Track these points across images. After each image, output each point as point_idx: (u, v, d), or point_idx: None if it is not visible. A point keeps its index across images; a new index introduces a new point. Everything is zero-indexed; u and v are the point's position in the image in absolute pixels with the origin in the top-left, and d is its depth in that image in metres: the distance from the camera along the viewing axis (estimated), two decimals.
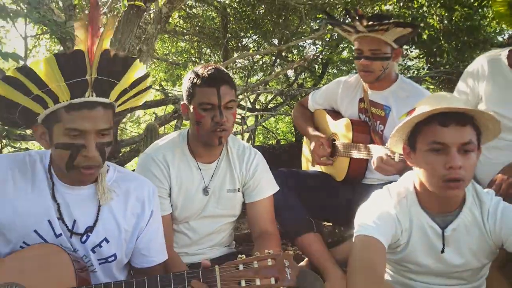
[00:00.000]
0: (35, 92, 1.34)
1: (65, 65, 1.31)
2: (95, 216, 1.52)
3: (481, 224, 1.60)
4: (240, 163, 2.01)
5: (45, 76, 1.31)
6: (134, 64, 1.43)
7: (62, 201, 1.50)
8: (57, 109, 1.37)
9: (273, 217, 2.02)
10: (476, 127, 1.53)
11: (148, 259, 1.63)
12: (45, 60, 1.29)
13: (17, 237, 1.46)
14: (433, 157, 1.49)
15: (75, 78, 1.33)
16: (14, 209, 1.45)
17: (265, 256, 1.35)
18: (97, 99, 1.39)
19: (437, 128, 1.49)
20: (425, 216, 1.61)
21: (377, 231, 1.53)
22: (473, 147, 1.49)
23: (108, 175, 1.57)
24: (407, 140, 1.63)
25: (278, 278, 1.32)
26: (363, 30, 2.34)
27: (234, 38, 7.81)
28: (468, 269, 1.64)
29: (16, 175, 1.48)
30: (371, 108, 2.52)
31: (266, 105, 8.79)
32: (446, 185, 1.47)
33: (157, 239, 1.66)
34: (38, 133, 1.44)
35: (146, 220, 1.60)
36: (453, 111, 1.48)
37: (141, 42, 4.04)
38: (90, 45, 1.32)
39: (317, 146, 2.59)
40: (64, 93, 1.35)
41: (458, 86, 2.41)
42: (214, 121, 1.80)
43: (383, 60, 2.37)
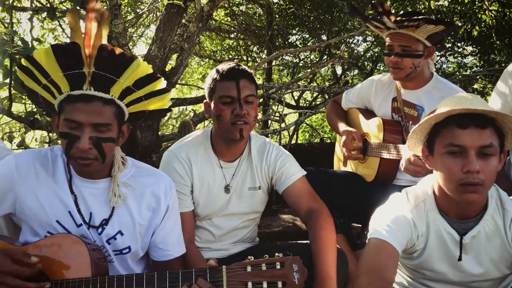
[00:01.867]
0: (43, 81, 1.42)
1: (61, 57, 1.36)
2: (111, 209, 1.58)
3: (503, 232, 1.53)
4: (261, 160, 2.02)
5: (47, 66, 1.38)
6: (135, 63, 1.44)
7: (79, 193, 1.57)
8: (62, 100, 1.45)
9: (314, 195, 1.97)
10: (499, 130, 1.46)
11: (165, 253, 1.67)
12: (44, 51, 1.36)
13: (42, 228, 1.54)
14: (450, 160, 1.44)
15: (72, 70, 1.39)
16: (37, 201, 1.54)
17: (273, 259, 1.34)
18: (95, 93, 1.42)
19: (455, 130, 1.43)
20: (443, 222, 1.56)
21: (390, 235, 1.50)
22: (494, 150, 1.42)
23: (126, 170, 1.62)
24: (426, 142, 1.58)
25: (285, 282, 1.31)
26: (393, 26, 2.30)
27: (281, 36, 7.81)
28: (488, 279, 1.57)
29: (38, 169, 1.56)
30: (404, 108, 2.46)
31: (311, 102, 8.73)
32: (464, 189, 1.41)
33: (173, 233, 1.70)
34: (55, 124, 1.52)
35: (162, 215, 1.64)
36: (472, 112, 1.42)
37: (182, 40, 4.13)
38: (86, 39, 1.37)
39: (348, 140, 2.56)
40: (64, 85, 1.41)
41: (497, 86, 2.30)
42: (234, 114, 1.82)
43: (414, 57, 2.31)
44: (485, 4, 5.16)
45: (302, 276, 1.32)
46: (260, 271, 1.32)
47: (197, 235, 2.03)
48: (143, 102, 1.55)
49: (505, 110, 2.27)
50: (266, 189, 2.07)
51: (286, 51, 5.67)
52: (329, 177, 2.55)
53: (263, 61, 4.59)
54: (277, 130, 4.37)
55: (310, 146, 4.67)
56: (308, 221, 1.91)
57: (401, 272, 1.74)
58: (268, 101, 5.32)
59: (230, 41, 8.53)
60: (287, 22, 7.40)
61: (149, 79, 1.50)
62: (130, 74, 1.46)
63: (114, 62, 1.42)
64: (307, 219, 1.91)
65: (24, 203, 1.54)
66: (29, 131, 4.15)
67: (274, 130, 4.45)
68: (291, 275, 1.31)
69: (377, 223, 1.55)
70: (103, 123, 1.44)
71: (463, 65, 8.08)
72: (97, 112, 1.43)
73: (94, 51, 1.38)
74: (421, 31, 2.25)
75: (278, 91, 4.17)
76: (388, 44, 2.38)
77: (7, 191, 1.54)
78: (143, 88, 1.51)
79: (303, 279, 1.33)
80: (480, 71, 5.77)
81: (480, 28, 5.27)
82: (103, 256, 1.56)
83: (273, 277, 1.30)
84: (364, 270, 1.44)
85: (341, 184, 2.51)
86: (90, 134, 1.42)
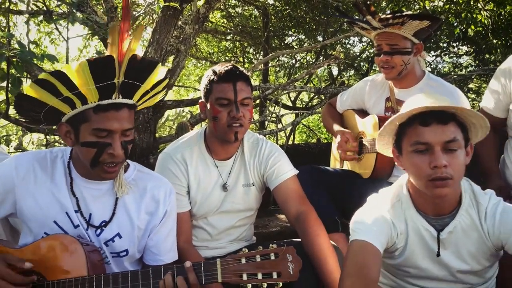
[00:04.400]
0: (65, 94, 1.41)
1: (96, 70, 1.38)
2: (111, 211, 1.60)
3: (479, 225, 1.56)
4: (254, 156, 2.04)
5: (77, 80, 1.39)
6: (157, 67, 1.50)
7: (80, 195, 1.59)
8: (85, 110, 1.45)
9: (303, 196, 1.98)
10: (461, 124, 1.50)
11: (157, 258, 1.68)
12: (78, 65, 1.37)
13: (39, 228, 1.56)
14: (417, 158, 1.49)
15: (104, 82, 1.41)
16: (35, 201, 1.56)
17: (268, 251, 1.36)
18: (123, 100, 1.47)
19: (419, 128, 1.48)
20: (420, 219, 1.59)
21: (371, 236, 1.52)
22: (458, 145, 1.47)
23: (127, 173, 1.65)
24: (394, 144, 1.62)
25: (280, 272, 1.33)
26: (379, 26, 2.33)
27: (277, 37, 7.83)
28: (470, 271, 1.59)
29: (37, 170, 1.58)
30: (398, 107, 2.48)
31: (308, 103, 8.75)
32: (433, 184, 1.46)
33: (168, 240, 1.71)
34: (63, 132, 1.52)
35: (159, 219, 1.66)
36: (432, 109, 1.47)
37: (179, 42, 4.14)
38: (120, 51, 1.39)
39: (343, 141, 2.58)
40: (93, 95, 1.42)
41: (490, 84, 2.33)
42: (230, 116, 1.84)
43: (403, 54, 2.34)
44: (480, 3, 5.19)
45: (296, 266, 1.35)
46: (254, 263, 1.34)
47: (194, 235, 2.04)
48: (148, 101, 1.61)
49: (498, 107, 2.30)
50: (260, 186, 2.09)
51: (282, 52, 5.68)
52: (327, 174, 2.57)
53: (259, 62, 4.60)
54: (274, 131, 4.39)
55: (307, 147, 4.69)
56: (296, 224, 1.93)
57: (386, 273, 1.76)
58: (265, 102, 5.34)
59: (227, 43, 8.55)
60: (283, 24, 7.43)
61: (161, 81, 1.56)
62: (151, 79, 1.51)
63: (142, 70, 1.47)
64: (295, 222, 1.93)
65: (23, 204, 1.56)
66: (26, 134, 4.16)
67: (271, 131, 4.47)
68: (285, 266, 1.33)
69: (357, 225, 1.58)
70: (130, 127, 1.49)
71: (458, 65, 8.11)
72: (126, 118, 1.48)
73: (126, 62, 1.41)
74: (406, 28, 2.29)
75: (274, 92, 4.19)
76: (377, 44, 2.42)
77: (7, 192, 1.57)
78: (154, 89, 1.57)
79: (297, 269, 1.35)
80: (475, 71, 5.80)
81: (475, 27, 5.30)
82: (101, 258, 1.57)
83: (268, 268, 1.33)
84: (347, 272, 1.46)
85: (338, 181, 2.52)
86: (120, 139, 1.46)
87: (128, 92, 1.48)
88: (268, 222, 3.27)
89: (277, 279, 1.33)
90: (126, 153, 1.51)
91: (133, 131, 1.53)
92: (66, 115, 1.48)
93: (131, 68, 1.43)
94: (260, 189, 2.10)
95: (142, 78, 1.49)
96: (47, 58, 2.26)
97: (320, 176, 2.49)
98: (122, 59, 1.40)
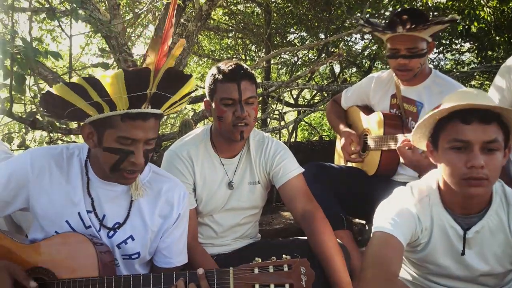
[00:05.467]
0: (95, 99, 1.39)
1: (131, 80, 1.36)
2: (126, 214, 1.59)
3: (507, 228, 1.53)
4: (259, 154, 2.03)
5: (110, 88, 1.37)
6: (190, 81, 1.48)
7: (96, 195, 1.57)
8: (112, 116, 1.42)
9: (310, 194, 1.97)
10: (503, 125, 1.46)
11: (168, 260, 1.68)
12: (114, 74, 1.35)
13: (50, 226, 1.55)
14: (454, 155, 1.45)
15: (137, 92, 1.39)
16: (49, 199, 1.54)
17: (281, 262, 1.34)
18: (151, 110, 1.44)
19: (459, 125, 1.43)
20: (447, 216, 1.56)
21: (395, 229, 1.50)
22: (498, 146, 1.43)
23: (143, 174, 1.63)
24: (430, 137, 1.58)
25: (293, 284, 1.31)
26: (402, 31, 2.27)
27: (279, 34, 7.81)
28: (491, 274, 1.57)
29: (53, 167, 1.56)
30: (404, 104, 2.47)
31: (310, 101, 8.74)
32: (467, 183, 1.42)
33: (179, 242, 1.70)
34: (86, 133, 1.50)
35: (172, 222, 1.65)
36: (476, 108, 1.43)
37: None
38: (157, 64, 1.37)
39: (347, 143, 2.58)
40: (123, 103, 1.41)
41: (495, 81, 2.31)
42: (235, 116, 1.84)
43: (421, 57, 2.31)
44: (483, 0, 5.17)
45: (309, 279, 1.32)
46: (267, 273, 1.32)
47: (199, 232, 2.04)
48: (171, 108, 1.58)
49: (503, 104, 2.28)
50: (265, 184, 2.09)
51: (284, 49, 5.66)
52: (332, 172, 2.57)
53: (261, 59, 4.60)
54: (277, 128, 4.38)
55: (309, 144, 4.69)
56: (303, 223, 1.92)
57: (406, 267, 1.75)
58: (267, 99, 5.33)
59: (229, 40, 8.53)
60: (285, 21, 7.40)
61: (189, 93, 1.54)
62: (182, 91, 1.49)
63: (175, 83, 1.45)
64: (302, 220, 1.92)
65: (36, 200, 1.55)
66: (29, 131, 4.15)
67: (273, 128, 4.46)
68: (298, 278, 1.31)
69: (382, 217, 1.56)
70: (154, 137, 1.48)
71: (460, 62, 8.08)
72: (152, 128, 1.46)
73: (161, 73, 1.39)
74: (428, 31, 2.26)
75: (277, 89, 4.18)
76: (392, 47, 2.35)
77: (21, 187, 1.55)
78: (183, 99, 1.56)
79: (310, 282, 1.33)
80: (477, 68, 5.78)
81: (478, 24, 5.28)
82: (112, 259, 1.57)
83: (281, 279, 1.31)
84: (369, 263, 1.45)
85: (343, 178, 2.52)
86: (143, 148, 1.45)
87: (157, 103, 1.46)
88: (272, 219, 3.27)
89: None
90: (147, 160, 1.50)
91: (155, 140, 1.51)
92: (91, 117, 1.46)
93: (164, 80, 1.41)
94: (265, 187, 2.10)
95: (174, 90, 1.48)
96: (51, 55, 2.25)
97: (325, 173, 2.49)
98: (158, 71, 1.38)
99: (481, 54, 6.07)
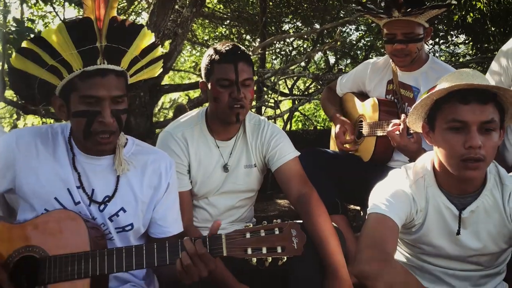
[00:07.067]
0: (50, 62, 1.40)
1: (74, 33, 1.36)
2: (114, 187, 1.58)
3: (502, 207, 1.54)
4: (256, 137, 2.02)
5: (57, 45, 1.37)
6: (142, 32, 1.47)
7: (82, 170, 1.56)
8: (72, 78, 1.43)
9: (305, 177, 1.97)
10: (499, 106, 1.46)
11: (164, 230, 1.68)
12: (56, 29, 1.36)
13: (40, 204, 1.53)
14: (452, 136, 1.45)
15: (86, 46, 1.38)
16: (37, 177, 1.53)
17: (272, 225, 1.36)
18: (109, 66, 1.44)
19: (457, 105, 1.43)
20: (442, 197, 1.57)
21: (390, 210, 1.51)
22: (495, 126, 1.43)
23: (126, 148, 1.63)
24: (427, 119, 1.58)
25: (284, 247, 1.33)
26: (397, 15, 2.26)
27: (274, 24, 7.76)
28: (485, 253, 1.58)
29: (39, 146, 1.56)
30: (400, 89, 2.46)
31: (304, 91, 8.71)
32: (465, 165, 1.42)
33: (173, 210, 1.71)
34: (57, 106, 1.51)
35: (163, 192, 1.65)
36: (474, 88, 1.42)
37: (176, 26, 4.09)
38: (98, 13, 1.37)
39: (341, 131, 2.58)
40: (76, 62, 1.40)
41: (491, 66, 2.31)
42: (231, 97, 1.82)
43: (417, 42, 2.30)
44: None
45: (301, 241, 1.35)
46: (259, 237, 1.34)
47: (195, 215, 2.03)
48: (143, 71, 1.57)
49: None
50: (261, 168, 2.08)
51: (281, 36, 5.62)
52: (328, 157, 2.56)
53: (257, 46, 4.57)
54: (272, 117, 4.37)
55: (304, 133, 4.68)
56: (298, 206, 1.92)
57: (399, 248, 1.75)
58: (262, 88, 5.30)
59: (223, 29, 8.48)
60: (280, 9, 7.36)
61: (151, 47, 1.52)
62: (138, 44, 1.48)
63: (125, 33, 1.44)
64: (297, 203, 1.92)
65: (23, 179, 1.53)
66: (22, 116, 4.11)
67: (268, 117, 4.44)
68: (290, 240, 1.33)
69: (377, 198, 1.56)
70: (120, 95, 1.46)
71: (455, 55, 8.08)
72: (114, 85, 1.44)
73: (106, 24, 1.38)
74: (424, 16, 2.24)
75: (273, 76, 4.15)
76: (389, 32, 2.34)
77: (8, 166, 1.54)
78: (145, 57, 1.53)
79: (302, 244, 1.35)
80: (473, 59, 5.78)
81: (474, 15, 5.27)
82: (101, 234, 1.55)
83: (272, 242, 1.33)
84: (365, 244, 1.45)
85: (339, 164, 2.51)
86: (110, 107, 1.43)
87: (114, 58, 1.45)
88: (267, 206, 3.27)
89: (281, 253, 1.33)
90: (120, 122, 1.48)
91: (125, 100, 1.50)
92: (58, 87, 1.47)
93: (112, 31, 1.41)
94: (261, 171, 2.09)
95: (127, 42, 1.46)
96: None
97: (321, 159, 2.49)
98: (101, 21, 1.37)
99: (476, 45, 6.07)
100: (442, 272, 1.64)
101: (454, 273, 1.63)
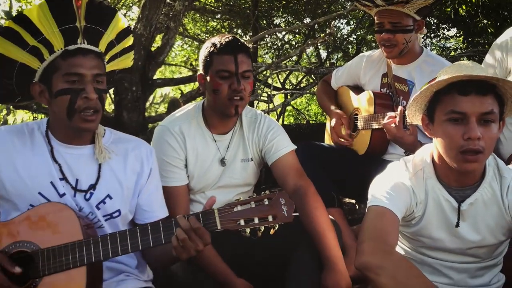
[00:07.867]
0: (31, 43, 1.42)
1: (56, 10, 1.40)
2: (97, 174, 1.58)
3: (500, 200, 1.55)
4: (252, 131, 2.02)
5: (39, 23, 1.40)
6: (117, 16, 1.54)
7: (63, 161, 1.55)
8: (54, 59, 1.46)
9: (302, 171, 1.97)
10: (499, 97, 1.46)
11: (150, 214, 1.68)
12: (38, 6, 1.38)
13: (24, 201, 1.52)
14: (451, 127, 1.44)
15: (67, 24, 1.43)
16: (18, 175, 1.51)
17: (261, 197, 1.40)
18: (89, 46, 1.49)
19: (456, 97, 1.43)
20: (441, 189, 1.57)
21: (390, 202, 1.50)
22: (494, 117, 1.43)
23: (105, 137, 1.64)
24: (426, 111, 1.58)
25: (275, 215, 1.38)
26: (382, 4, 2.27)
27: (266, 18, 7.74)
28: (483, 245, 1.59)
29: (16, 143, 1.55)
30: (395, 83, 2.46)
31: (296, 85, 8.71)
32: (464, 158, 1.42)
33: (157, 195, 1.72)
34: (37, 92, 1.52)
35: (146, 177, 1.67)
36: (473, 79, 1.42)
37: (168, 19, 4.06)
38: None
39: (337, 125, 2.57)
40: (58, 41, 1.44)
41: (486, 59, 2.32)
42: (231, 89, 1.81)
43: (405, 32, 2.30)
44: None
45: (290, 209, 1.40)
46: (250, 209, 1.39)
47: (191, 210, 2.01)
48: (117, 59, 1.62)
49: None
50: (258, 161, 2.07)
51: (274, 29, 5.60)
52: (323, 151, 2.57)
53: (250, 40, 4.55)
54: (265, 111, 4.35)
55: (297, 127, 4.68)
56: (295, 199, 1.88)
57: (399, 242, 1.75)
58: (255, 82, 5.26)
59: (214, 23, 8.44)
60: (271, 3, 7.34)
61: (126, 33, 1.58)
62: (114, 27, 1.53)
63: (101, 14, 1.49)
64: (294, 196, 1.90)
65: (4, 178, 1.52)
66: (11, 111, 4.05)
67: (261, 111, 4.43)
68: (280, 209, 1.39)
69: (377, 191, 1.56)
70: (101, 73, 1.50)
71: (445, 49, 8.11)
72: (95, 64, 1.49)
73: (84, 4, 1.42)
74: (410, 6, 2.24)
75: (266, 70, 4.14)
76: (378, 21, 2.35)
77: None
78: (120, 43, 1.58)
79: (291, 211, 1.40)
80: (465, 52, 5.80)
81: (466, 7, 5.29)
82: (90, 223, 1.55)
83: (263, 212, 1.38)
84: (366, 236, 1.45)
85: (334, 158, 2.52)
86: (93, 85, 1.47)
87: (93, 39, 1.50)
88: None
89: (273, 222, 1.38)
90: (102, 101, 1.52)
91: (105, 80, 1.54)
92: (37, 72, 1.49)
93: (90, 12, 1.46)
94: (258, 165, 2.08)
95: (104, 24, 1.51)
96: None
97: (317, 152, 2.49)
98: (79, 2, 1.42)
99: (467, 39, 6.09)
100: (441, 264, 1.64)
101: (453, 265, 1.63)
